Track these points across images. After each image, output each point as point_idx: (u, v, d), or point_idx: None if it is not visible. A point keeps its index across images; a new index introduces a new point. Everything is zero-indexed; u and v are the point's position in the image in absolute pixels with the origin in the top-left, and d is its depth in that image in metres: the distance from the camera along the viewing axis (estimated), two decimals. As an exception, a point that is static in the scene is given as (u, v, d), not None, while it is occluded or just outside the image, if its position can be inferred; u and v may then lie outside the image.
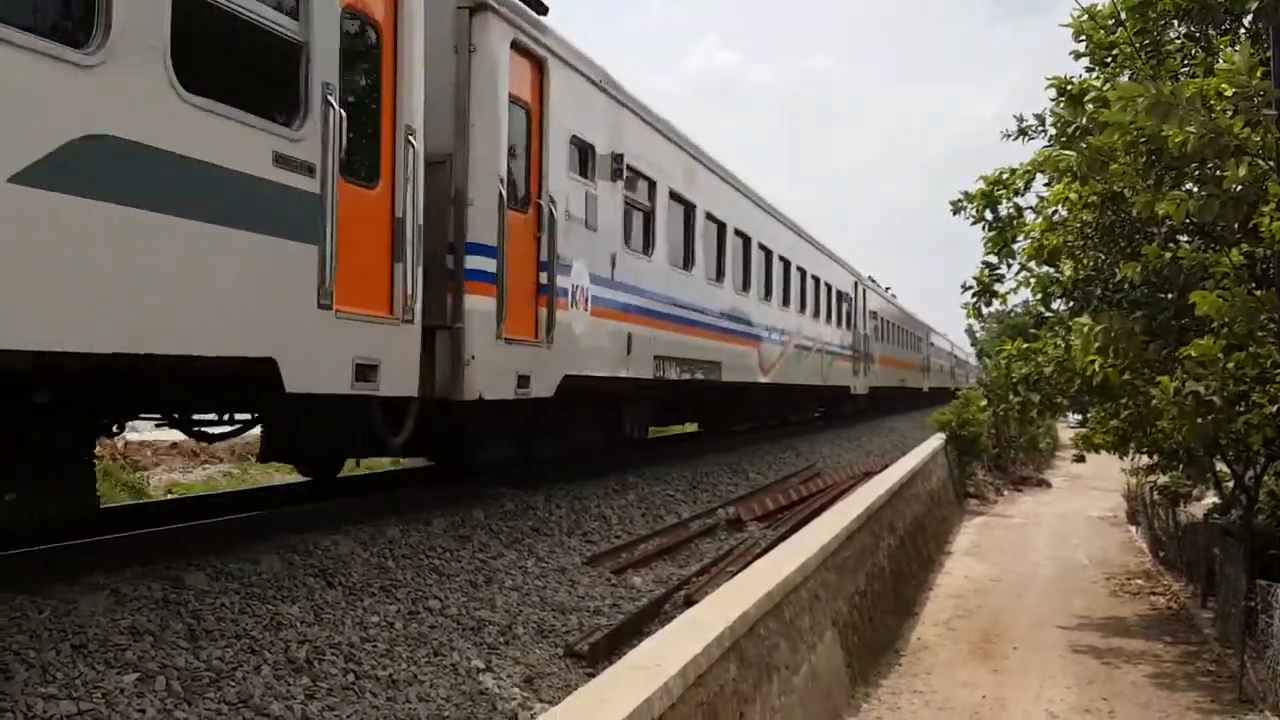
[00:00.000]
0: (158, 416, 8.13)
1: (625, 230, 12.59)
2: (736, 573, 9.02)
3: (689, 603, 8.42)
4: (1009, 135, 13.37)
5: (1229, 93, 8.11)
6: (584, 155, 11.33)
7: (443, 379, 8.70)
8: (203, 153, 5.70)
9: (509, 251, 9.34)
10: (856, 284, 30.72)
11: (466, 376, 8.77)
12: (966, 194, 14.23)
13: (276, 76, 6.56)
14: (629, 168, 12.35)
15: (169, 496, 14.40)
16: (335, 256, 6.77)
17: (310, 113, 6.64)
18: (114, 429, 7.63)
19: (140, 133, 5.29)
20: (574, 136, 10.97)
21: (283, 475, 20.07)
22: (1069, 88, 11.68)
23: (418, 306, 7.90)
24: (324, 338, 6.81)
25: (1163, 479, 17.54)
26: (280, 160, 6.31)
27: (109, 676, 4.94)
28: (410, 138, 7.79)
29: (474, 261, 8.97)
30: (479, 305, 8.99)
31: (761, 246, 19.48)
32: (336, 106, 6.79)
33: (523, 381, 9.70)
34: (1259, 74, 7.99)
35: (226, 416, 8.44)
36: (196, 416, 8.31)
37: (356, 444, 9.34)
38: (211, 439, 8.64)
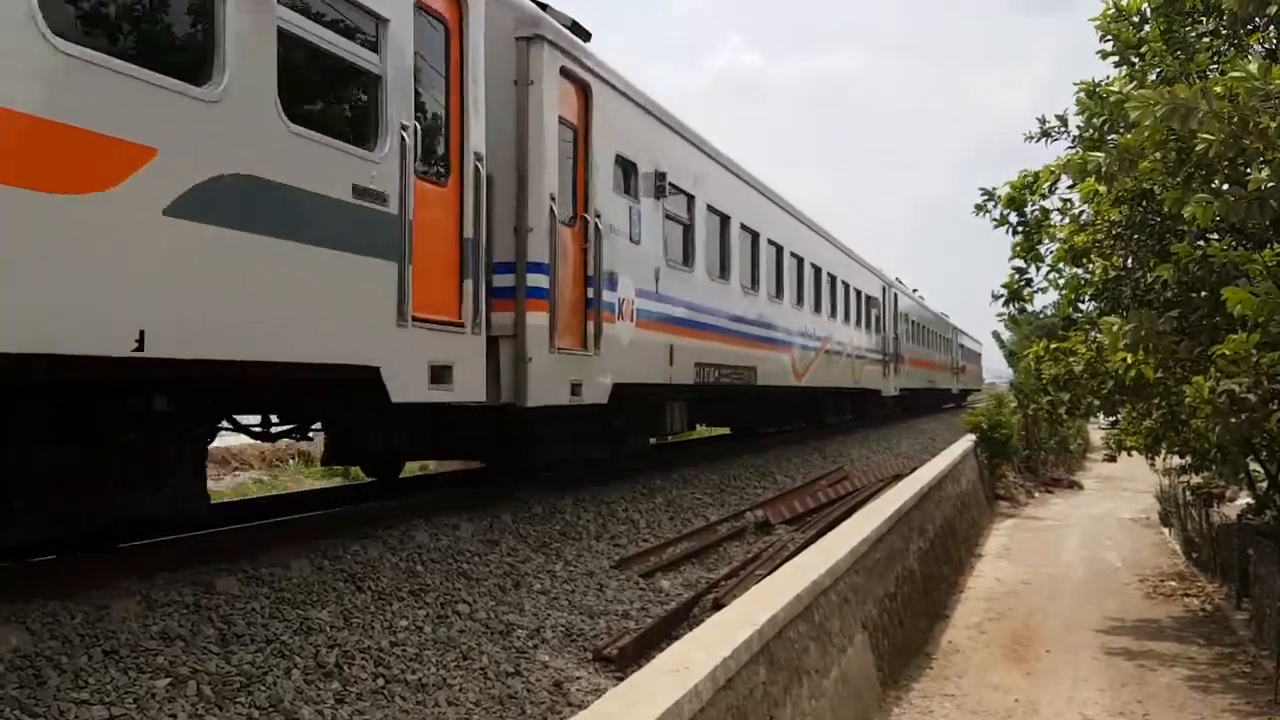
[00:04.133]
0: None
1: (667, 244, 13.05)
2: (765, 575, 8.99)
3: (718, 606, 8.40)
4: (1031, 138, 13.28)
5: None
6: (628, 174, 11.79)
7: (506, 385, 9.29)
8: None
9: (558, 267, 9.85)
10: (885, 288, 30.73)
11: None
12: (987, 191, 14.12)
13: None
14: (671, 185, 12.80)
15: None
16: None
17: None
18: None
19: None
20: (618, 155, 11.36)
21: (312, 481, 20.23)
22: (1096, 89, 11.58)
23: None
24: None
25: (1196, 480, 17.38)
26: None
27: (141, 681, 4.97)
28: (478, 164, 8.36)
29: (532, 279, 9.57)
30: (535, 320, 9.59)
31: (794, 255, 19.73)
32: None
33: (575, 389, 10.22)
34: (1277, 73, 7.88)
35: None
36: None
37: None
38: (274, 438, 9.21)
